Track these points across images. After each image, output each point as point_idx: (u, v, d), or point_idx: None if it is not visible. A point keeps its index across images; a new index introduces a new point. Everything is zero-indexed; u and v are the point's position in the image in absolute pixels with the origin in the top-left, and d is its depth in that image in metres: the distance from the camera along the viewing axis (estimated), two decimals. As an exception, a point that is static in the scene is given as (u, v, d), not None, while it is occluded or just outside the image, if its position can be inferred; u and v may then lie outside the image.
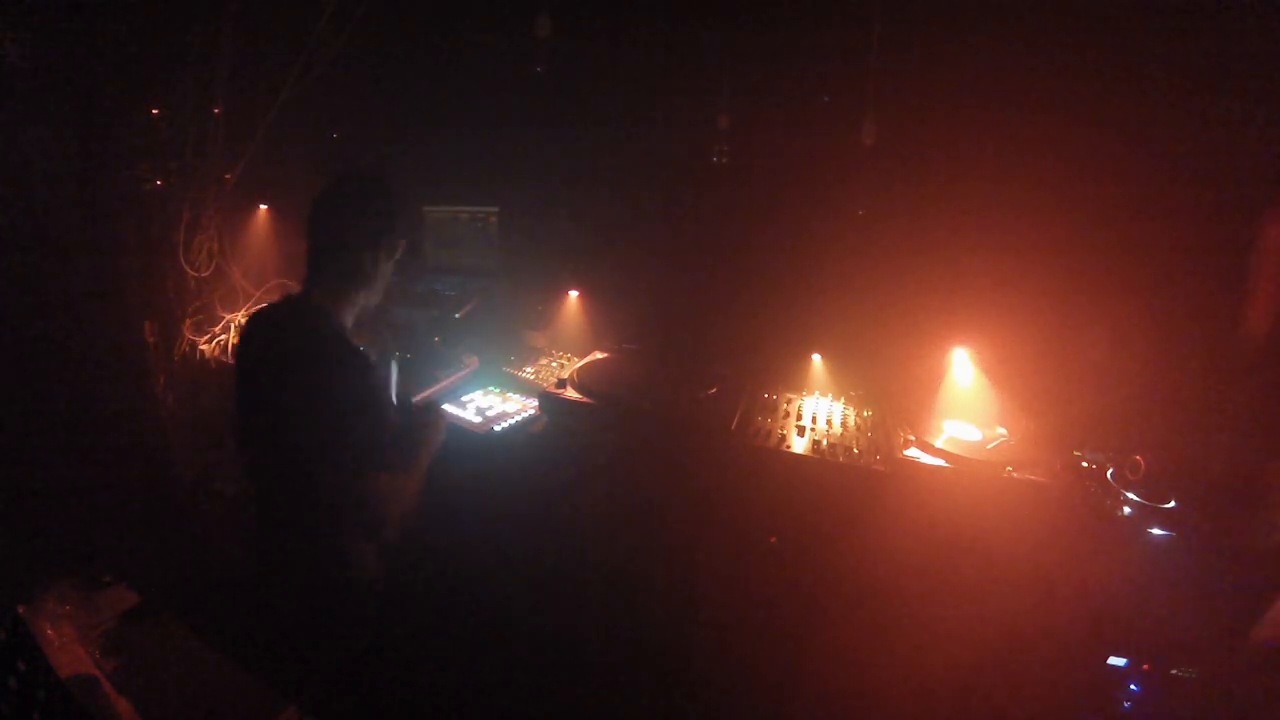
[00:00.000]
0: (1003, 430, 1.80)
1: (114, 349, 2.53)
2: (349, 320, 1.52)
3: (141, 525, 2.51)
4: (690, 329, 2.46)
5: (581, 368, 2.17)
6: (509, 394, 2.25)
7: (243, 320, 1.50)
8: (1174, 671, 1.49)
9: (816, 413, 1.98)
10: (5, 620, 1.07)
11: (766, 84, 2.47)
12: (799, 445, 1.79)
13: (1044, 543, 1.53)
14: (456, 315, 2.51)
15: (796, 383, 2.22)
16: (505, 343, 2.59)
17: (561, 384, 2.01)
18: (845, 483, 1.70)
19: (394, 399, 1.64)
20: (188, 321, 2.63)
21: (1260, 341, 1.63)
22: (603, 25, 2.67)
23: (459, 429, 2.04)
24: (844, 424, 1.93)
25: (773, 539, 1.79)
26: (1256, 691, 1.41)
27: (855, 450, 1.76)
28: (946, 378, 1.97)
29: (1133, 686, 1.52)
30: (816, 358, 2.26)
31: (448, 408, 2.14)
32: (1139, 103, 1.82)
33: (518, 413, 2.10)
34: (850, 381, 2.19)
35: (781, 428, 1.87)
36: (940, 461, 1.69)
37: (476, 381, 2.34)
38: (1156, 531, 1.48)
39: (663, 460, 1.86)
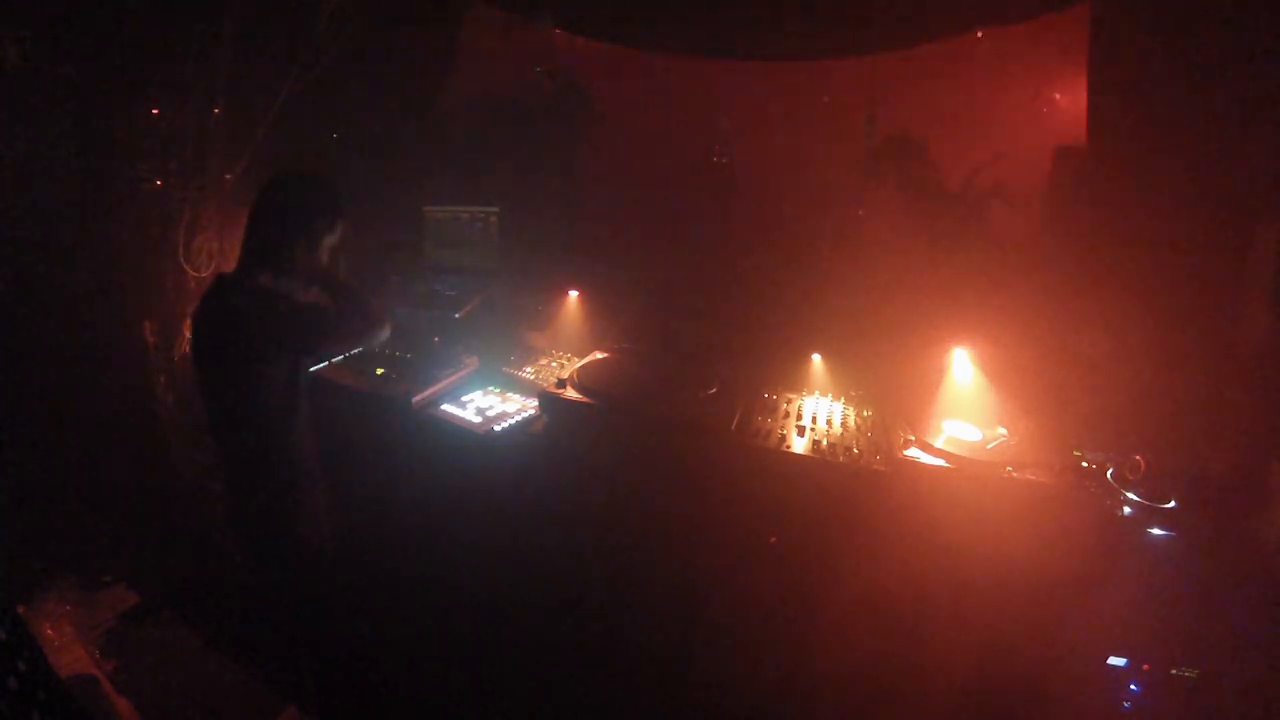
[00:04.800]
0: (1003, 430, 1.80)
1: (114, 349, 2.53)
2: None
3: (141, 525, 2.51)
4: (690, 329, 2.46)
5: (581, 368, 2.17)
6: (509, 394, 2.25)
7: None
8: (1174, 671, 1.49)
9: (816, 413, 1.98)
10: (5, 620, 1.07)
11: (767, 84, 2.47)
12: (799, 445, 1.79)
13: (1044, 543, 1.53)
14: (456, 315, 2.51)
15: (796, 383, 2.22)
16: (505, 343, 2.59)
17: (561, 384, 2.01)
18: (845, 483, 1.70)
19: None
20: (188, 321, 2.63)
21: (1260, 342, 1.63)
22: (603, 24, 2.68)
23: (459, 429, 2.04)
24: (844, 424, 1.93)
25: (773, 539, 1.79)
26: (1256, 691, 1.41)
27: (855, 450, 1.76)
28: (946, 378, 1.97)
29: (1133, 686, 1.52)
30: (816, 358, 2.26)
31: (447, 407, 2.14)
32: (1138, 103, 1.82)
33: (518, 413, 2.10)
34: (850, 381, 2.19)
35: (781, 428, 1.87)
36: (940, 461, 1.69)
37: (476, 381, 2.34)
38: (1156, 531, 1.48)
39: (663, 460, 1.86)
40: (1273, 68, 1.60)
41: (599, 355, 2.32)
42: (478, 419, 2.06)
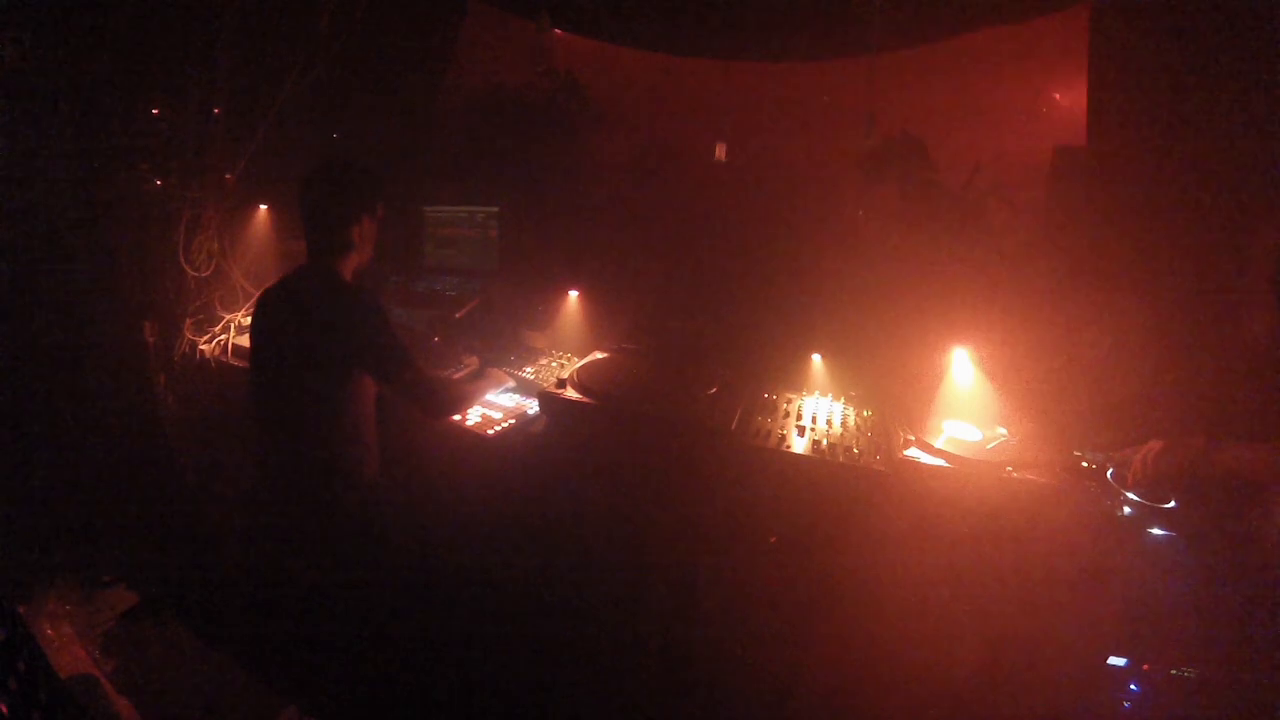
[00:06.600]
0: (1003, 430, 1.80)
1: (114, 349, 2.53)
2: (348, 276, 1.87)
3: (141, 525, 2.51)
4: (690, 329, 2.46)
5: (581, 368, 2.17)
6: (509, 394, 2.25)
7: (258, 295, 1.91)
8: (1174, 671, 1.49)
9: (816, 413, 1.98)
10: (5, 620, 1.07)
11: (767, 84, 2.47)
12: (799, 445, 1.79)
13: (1043, 543, 1.53)
14: (457, 315, 2.51)
15: (796, 383, 2.22)
16: (505, 343, 2.59)
17: (561, 384, 2.01)
18: (845, 483, 1.70)
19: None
20: (188, 321, 2.63)
21: (1260, 341, 1.63)
22: (602, 24, 2.68)
23: (459, 429, 2.04)
24: (844, 424, 1.93)
25: (773, 539, 1.79)
26: (1256, 691, 1.41)
27: (855, 450, 1.76)
28: (946, 378, 1.96)
29: (1133, 686, 1.52)
30: (816, 358, 2.26)
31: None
32: (1138, 103, 1.83)
33: (518, 413, 2.10)
34: (850, 381, 2.18)
35: (781, 428, 1.87)
36: (940, 461, 1.69)
37: (476, 381, 2.34)
38: (1156, 531, 1.48)
39: (663, 460, 1.86)
40: (1273, 67, 1.60)
41: (599, 355, 2.32)
42: (478, 419, 2.06)
